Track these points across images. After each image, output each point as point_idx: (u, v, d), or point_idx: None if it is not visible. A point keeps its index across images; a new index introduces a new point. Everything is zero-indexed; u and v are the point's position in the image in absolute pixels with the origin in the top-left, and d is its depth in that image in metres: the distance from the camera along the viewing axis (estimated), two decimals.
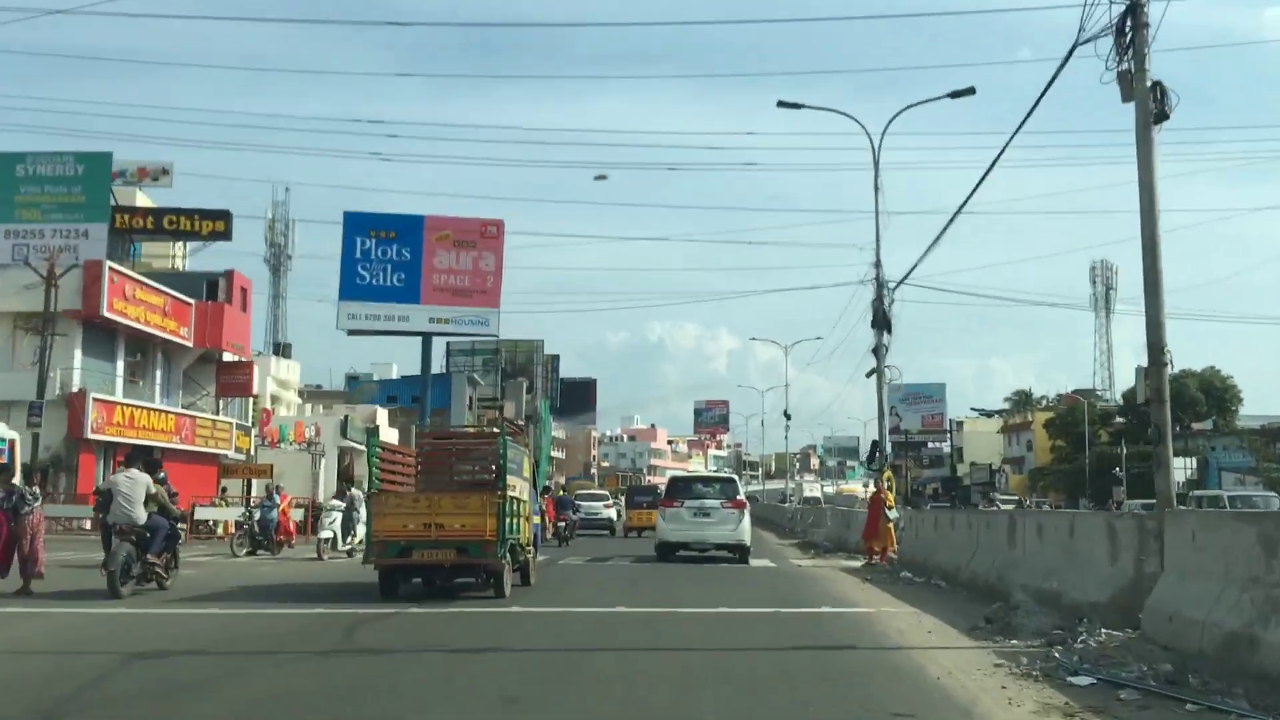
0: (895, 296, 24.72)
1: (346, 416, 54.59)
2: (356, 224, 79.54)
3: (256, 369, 49.64)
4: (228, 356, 43.36)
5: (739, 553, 23.55)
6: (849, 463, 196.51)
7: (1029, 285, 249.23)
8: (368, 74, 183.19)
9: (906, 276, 23.66)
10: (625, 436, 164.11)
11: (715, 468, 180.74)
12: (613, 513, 44.23)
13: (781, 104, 25.68)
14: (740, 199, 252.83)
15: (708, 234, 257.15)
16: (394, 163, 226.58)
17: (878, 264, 25.09)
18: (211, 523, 35.17)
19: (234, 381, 43.54)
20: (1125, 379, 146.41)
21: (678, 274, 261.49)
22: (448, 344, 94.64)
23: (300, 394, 64.33)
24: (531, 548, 16.43)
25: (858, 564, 22.61)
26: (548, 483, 46.61)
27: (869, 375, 26.08)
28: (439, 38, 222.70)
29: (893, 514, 22.37)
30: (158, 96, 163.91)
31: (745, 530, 23.85)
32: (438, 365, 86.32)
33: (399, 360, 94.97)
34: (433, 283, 80.00)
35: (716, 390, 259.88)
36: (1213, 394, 79.81)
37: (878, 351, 25.21)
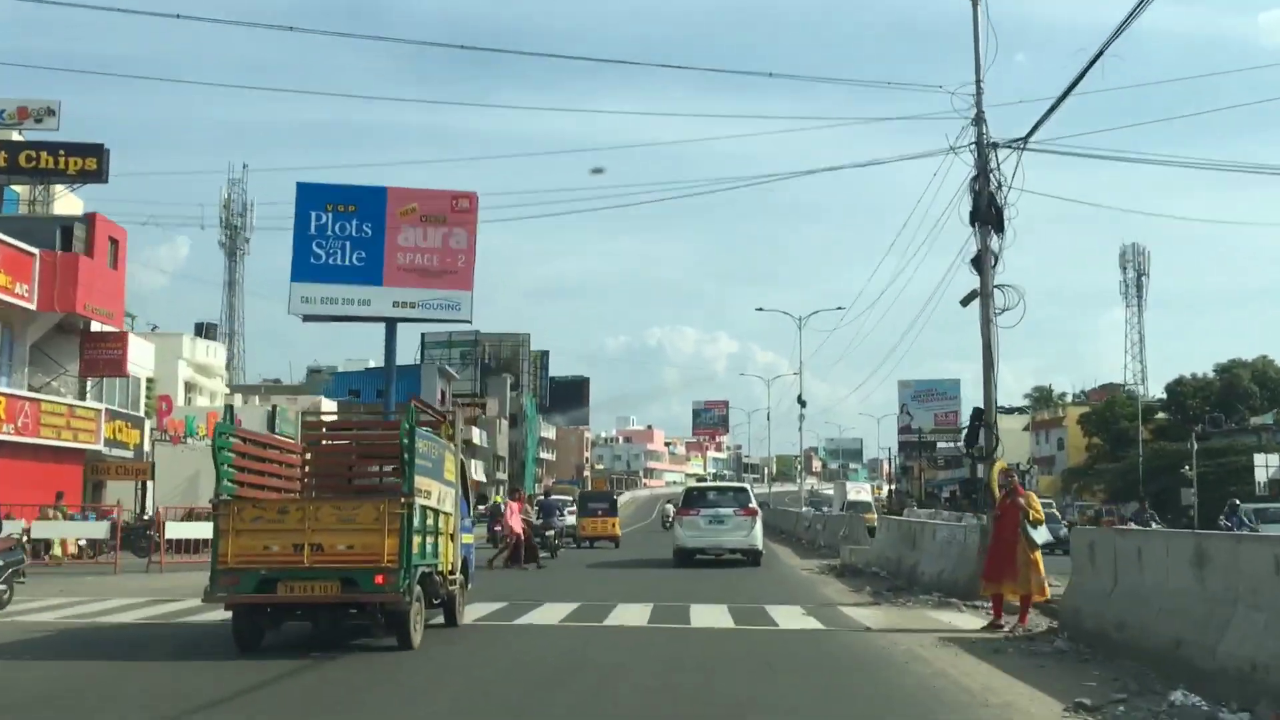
0: (1005, 179, 14.12)
1: (275, 407, 44.09)
2: (311, 196, 68.81)
3: (151, 347, 39.29)
4: (95, 326, 32.82)
5: (751, 556, 24.66)
6: (852, 465, 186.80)
7: (1044, 287, 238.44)
8: (366, 81, 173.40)
9: (1037, 128, 13.01)
10: (621, 438, 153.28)
11: (715, 470, 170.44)
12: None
13: None
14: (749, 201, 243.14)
15: (709, 236, 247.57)
16: (393, 167, 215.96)
17: (979, 119, 14.52)
18: (43, 544, 25.15)
19: (101, 357, 33.06)
20: (1161, 371, 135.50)
21: (681, 273, 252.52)
22: (423, 335, 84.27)
23: (263, 388, 53.97)
24: (459, 575, 11.88)
25: (976, 624, 12.26)
26: (517, 489, 36.94)
27: (965, 303, 15.61)
28: (439, 42, 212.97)
29: (1041, 535, 11.81)
30: (161, 103, 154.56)
31: (757, 536, 24.92)
32: (411, 357, 75.89)
33: (376, 353, 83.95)
34: (397, 262, 69.09)
35: (717, 387, 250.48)
36: (1268, 385, 69.40)
37: (981, 262, 14.70)
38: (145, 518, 30.37)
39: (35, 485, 28.40)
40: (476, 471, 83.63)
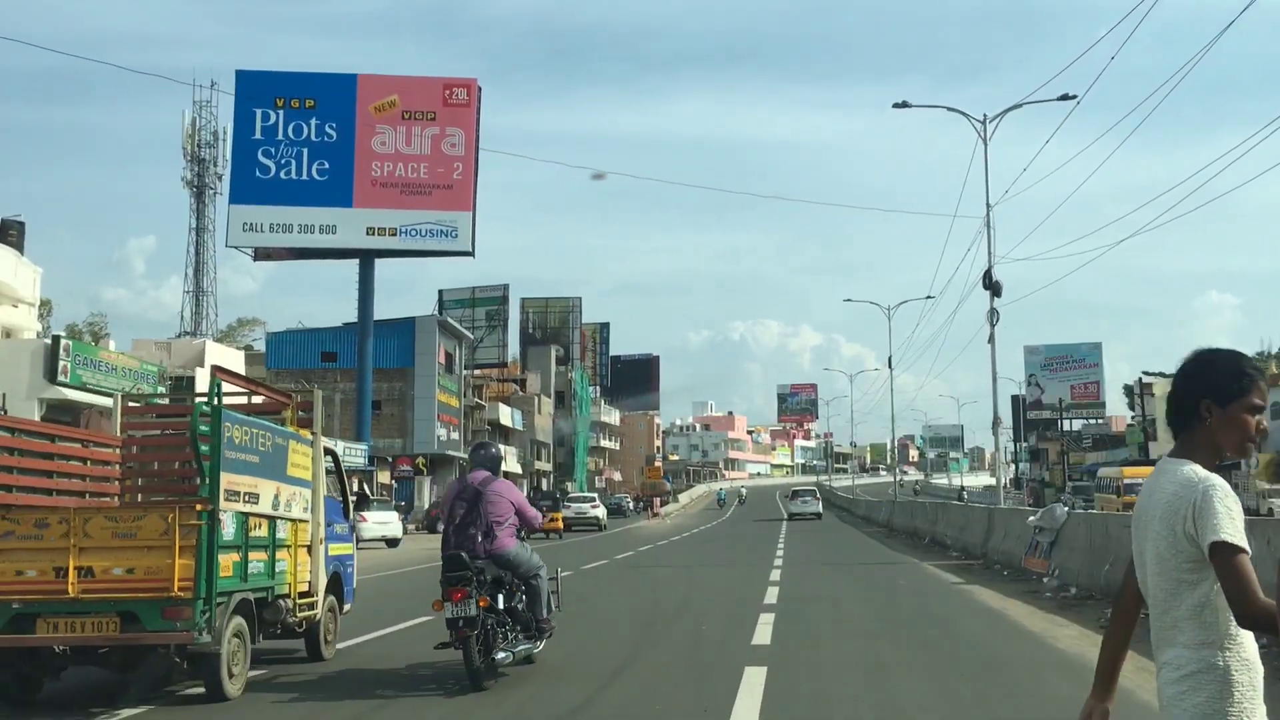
0: None
1: (59, 340, 25.63)
2: (256, 87, 48.65)
3: None
4: None
5: (817, 515, 50.19)
6: (952, 454, 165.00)
7: (1131, 271, 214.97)
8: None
9: None
10: (698, 425, 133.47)
11: (803, 460, 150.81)
12: (600, 512, 44.90)
13: None
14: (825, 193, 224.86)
15: (792, 229, 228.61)
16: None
17: None
18: None
19: None
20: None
21: (764, 270, 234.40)
22: (440, 293, 65.90)
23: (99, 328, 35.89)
24: (326, 598, 8.80)
25: None
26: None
27: None
28: (518, 43, 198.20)
29: None
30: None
31: (820, 507, 53.03)
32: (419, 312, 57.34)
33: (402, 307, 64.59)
34: (371, 174, 49.18)
35: (802, 376, 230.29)
36: None
37: None
38: None
39: None
40: (507, 461, 65.00)
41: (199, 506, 7.01)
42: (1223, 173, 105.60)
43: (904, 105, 23.46)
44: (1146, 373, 74.95)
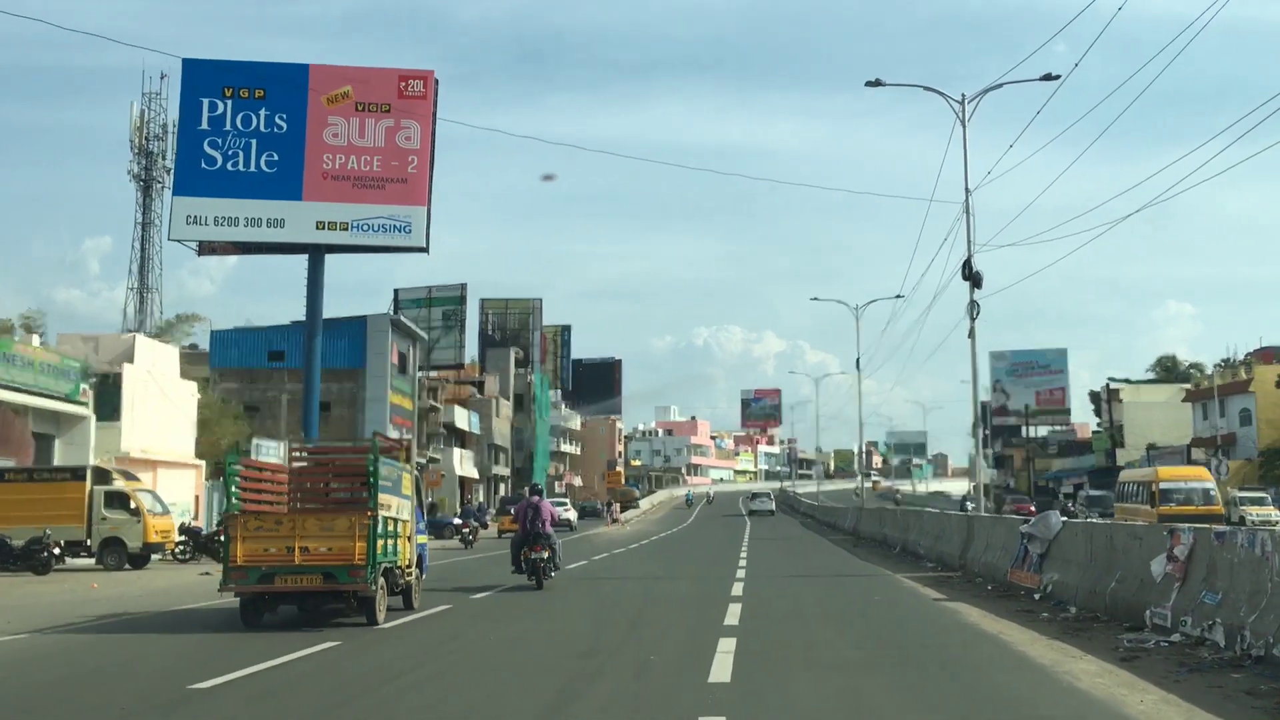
0: None
1: None
2: (203, 77, 46.95)
3: None
4: None
5: (770, 512, 65.41)
6: (915, 460, 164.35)
7: (1092, 279, 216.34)
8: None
9: None
10: (660, 430, 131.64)
11: (766, 466, 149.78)
12: (573, 514, 49.96)
13: None
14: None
15: (759, 234, 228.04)
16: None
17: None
18: None
19: None
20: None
21: (729, 275, 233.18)
22: (396, 292, 63.85)
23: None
24: (415, 569, 13.96)
25: None
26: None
27: None
28: (487, 46, 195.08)
29: None
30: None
31: (773, 505, 70.24)
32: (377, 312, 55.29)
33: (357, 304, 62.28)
34: (323, 167, 46.71)
35: (766, 381, 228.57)
36: None
37: None
38: None
39: None
40: (463, 465, 63.01)
41: (369, 513, 11.72)
42: (1180, 182, 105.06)
43: (877, 83, 22.06)
44: (1113, 379, 74.24)
